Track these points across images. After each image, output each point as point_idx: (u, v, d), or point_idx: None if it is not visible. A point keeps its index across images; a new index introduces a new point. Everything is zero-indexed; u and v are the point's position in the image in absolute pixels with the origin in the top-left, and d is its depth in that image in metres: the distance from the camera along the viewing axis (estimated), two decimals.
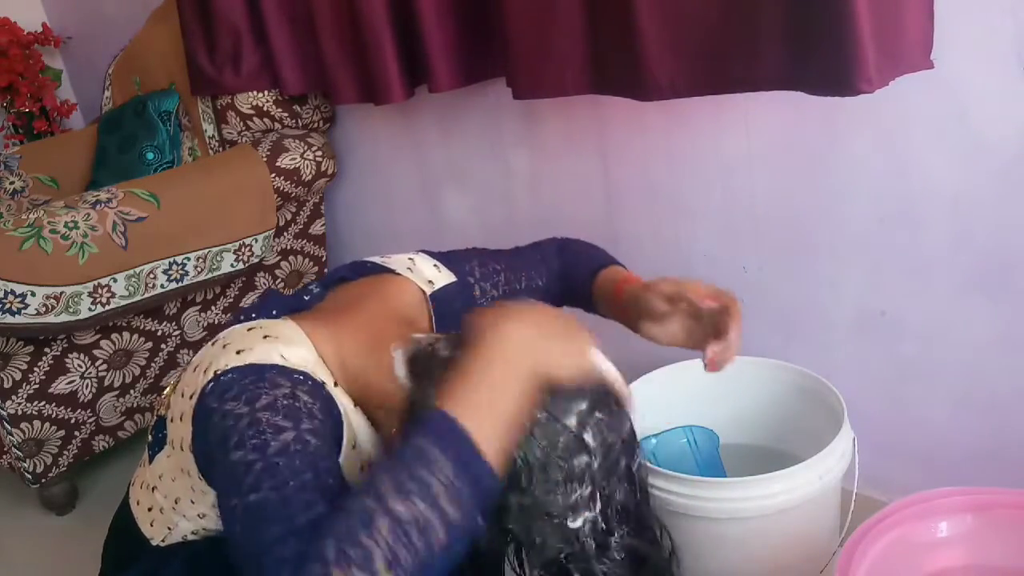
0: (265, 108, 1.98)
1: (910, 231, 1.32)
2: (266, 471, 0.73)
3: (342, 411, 0.88)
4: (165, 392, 0.98)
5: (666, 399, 1.40)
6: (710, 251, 1.55)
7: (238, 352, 0.84)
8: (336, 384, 0.90)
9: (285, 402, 0.79)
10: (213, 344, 0.89)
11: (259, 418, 0.77)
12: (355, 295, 1.00)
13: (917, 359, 1.39)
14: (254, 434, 0.76)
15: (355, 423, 0.91)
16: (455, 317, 0.96)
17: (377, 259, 1.07)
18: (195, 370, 0.88)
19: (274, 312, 0.93)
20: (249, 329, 0.89)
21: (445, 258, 1.11)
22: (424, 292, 1.04)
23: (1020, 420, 1.32)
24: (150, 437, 0.97)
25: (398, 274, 1.04)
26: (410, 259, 1.08)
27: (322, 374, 0.88)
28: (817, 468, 1.18)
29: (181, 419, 0.88)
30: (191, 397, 0.85)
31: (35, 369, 1.68)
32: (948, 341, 1.35)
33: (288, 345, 0.87)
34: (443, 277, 1.07)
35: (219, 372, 0.83)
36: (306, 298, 1.00)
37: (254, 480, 0.73)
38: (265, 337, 0.86)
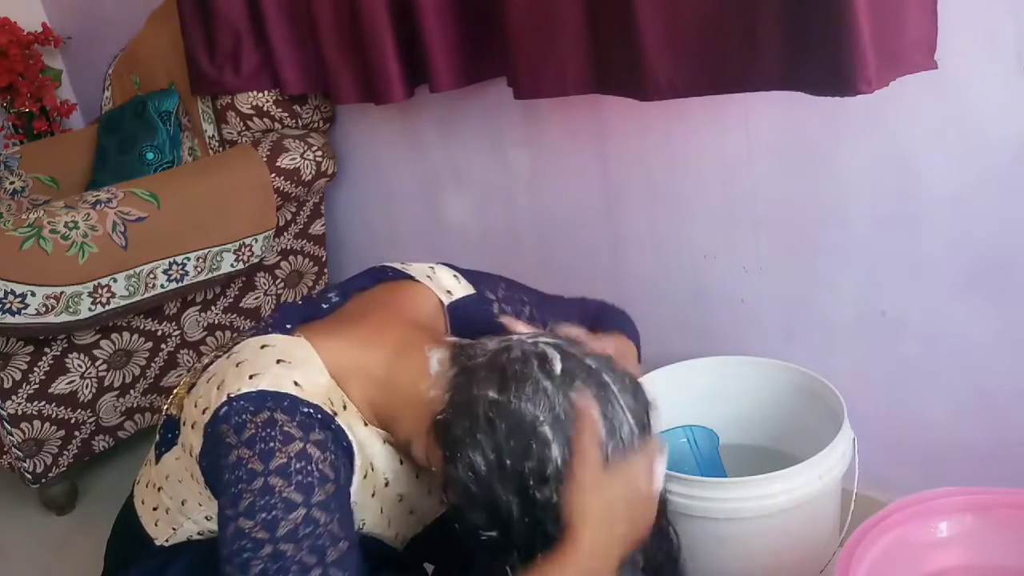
0: (265, 108, 1.98)
1: (910, 231, 1.32)
2: (273, 558, 0.76)
3: (353, 443, 0.88)
4: (176, 391, 0.98)
5: (666, 399, 1.39)
6: (710, 251, 1.55)
7: (251, 376, 0.84)
8: (346, 407, 0.89)
9: (297, 465, 0.80)
10: (228, 356, 0.89)
11: (271, 485, 0.79)
12: (374, 301, 0.99)
13: (917, 359, 1.39)
14: (265, 505, 0.78)
15: (370, 449, 0.91)
16: (471, 330, 0.96)
17: (397, 264, 1.07)
18: (209, 382, 0.88)
19: (288, 326, 0.92)
20: (263, 347, 0.88)
21: (468, 273, 1.10)
22: (442, 302, 1.03)
23: (1020, 420, 1.32)
24: (158, 436, 0.97)
25: (417, 281, 1.04)
26: (430, 268, 1.07)
27: (336, 398, 0.88)
28: (817, 468, 1.18)
29: (193, 428, 0.88)
30: (204, 411, 0.86)
31: (35, 369, 1.68)
32: (948, 341, 1.35)
33: (302, 369, 0.86)
34: (462, 289, 1.06)
35: (232, 396, 0.84)
36: (324, 306, 0.99)
37: (262, 568, 0.77)
38: (279, 361, 0.86)
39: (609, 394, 0.82)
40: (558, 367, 0.82)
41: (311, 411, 0.84)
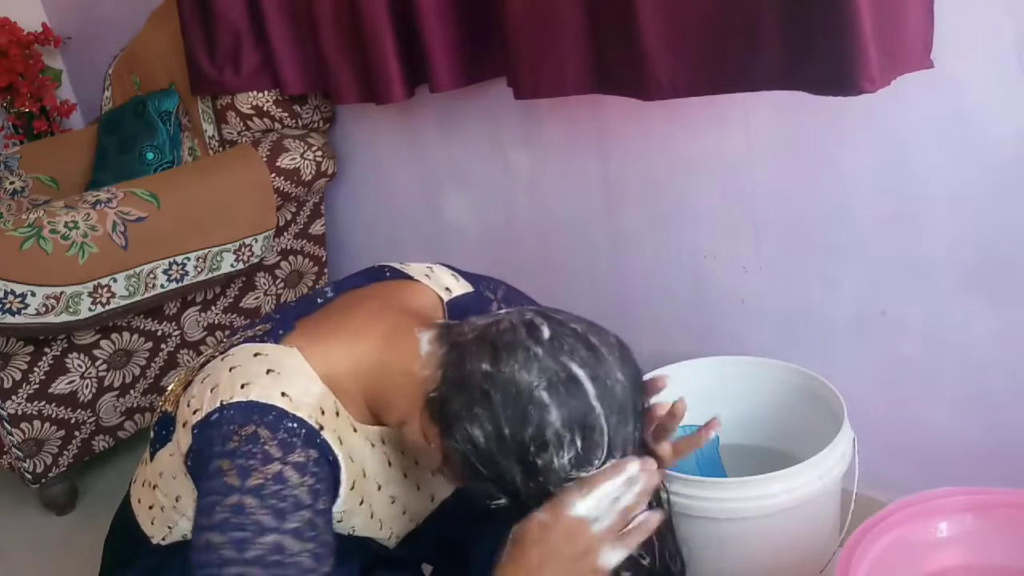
0: (265, 108, 1.98)
1: (910, 231, 1.32)
2: None
3: (339, 457, 0.88)
4: (170, 388, 0.98)
5: (666, 399, 1.40)
6: (710, 251, 1.55)
7: (243, 386, 0.85)
8: (338, 414, 0.89)
9: (273, 488, 0.80)
10: (223, 359, 0.89)
11: (244, 504, 0.79)
12: (366, 297, 0.99)
13: (917, 359, 1.39)
14: (237, 524, 0.78)
15: (360, 456, 0.91)
16: None
17: (395, 264, 1.07)
18: (203, 383, 0.88)
19: (281, 332, 0.92)
20: (256, 354, 0.88)
21: (466, 274, 1.10)
22: (441, 299, 1.03)
23: (1020, 420, 1.32)
24: (152, 433, 0.97)
25: (415, 280, 1.04)
26: (428, 267, 1.07)
27: (328, 406, 0.88)
28: (817, 468, 1.18)
29: (184, 427, 0.88)
30: (195, 412, 0.86)
31: (35, 369, 1.68)
32: (948, 341, 1.35)
33: (291, 380, 0.86)
34: (460, 287, 1.06)
35: (224, 403, 0.84)
36: (319, 301, 1.00)
37: None
38: (268, 371, 0.86)
39: (599, 355, 0.82)
40: (546, 333, 0.83)
41: (295, 426, 0.84)
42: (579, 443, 0.79)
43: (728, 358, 1.48)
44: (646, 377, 0.91)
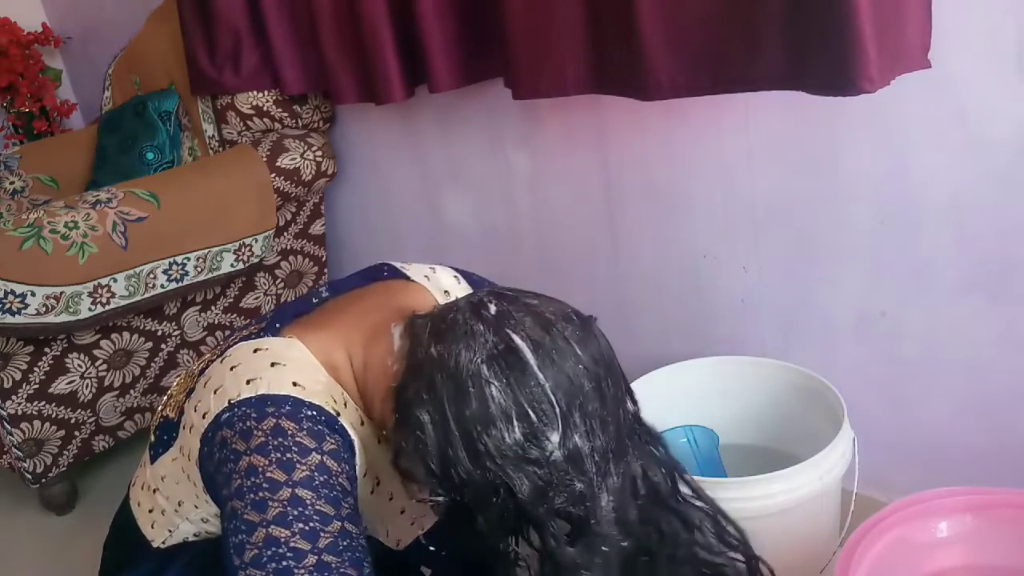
0: (265, 108, 1.98)
1: (910, 231, 1.32)
2: (318, 568, 0.75)
3: (355, 442, 0.87)
4: (171, 393, 0.97)
5: (666, 399, 1.40)
6: (710, 251, 1.55)
7: (248, 382, 0.84)
8: (346, 405, 0.89)
9: (321, 478, 0.79)
10: (222, 361, 0.88)
11: (300, 497, 0.77)
12: (361, 296, 0.99)
13: (917, 359, 1.39)
14: (300, 516, 0.77)
15: (368, 448, 0.91)
16: None
17: (396, 264, 1.06)
18: (206, 387, 0.87)
19: (278, 326, 0.91)
20: (255, 350, 0.88)
21: (471, 277, 1.09)
22: (438, 302, 1.02)
23: (1020, 420, 1.32)
24: (152, 437, 0.97)
25: (413, 281, 1.03)
26: (431, 268, 1.06)
27: (337, 395, 0.87)
28: (817, 468, 1.18)
29: (191, 431, 0.87)
30: (204, 416, 0.85)
31: (35, 369, 1.68)
32: (948, 341, 1.35)
33: (299, 369, 0.86)
34: (461, 290, 1.05)
35: (233, 401, 0.83)
36: (314, 300, 0.99)
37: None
38: (273, 364, 0.86)
39: (549, 327, 0.79)
40: (493, 309, 0.80)
41: (314, 413, 0.83)
42: (528, 416, 0.75)
43: (728, 358, 1.48)
44: (640, 381, 0.89)
